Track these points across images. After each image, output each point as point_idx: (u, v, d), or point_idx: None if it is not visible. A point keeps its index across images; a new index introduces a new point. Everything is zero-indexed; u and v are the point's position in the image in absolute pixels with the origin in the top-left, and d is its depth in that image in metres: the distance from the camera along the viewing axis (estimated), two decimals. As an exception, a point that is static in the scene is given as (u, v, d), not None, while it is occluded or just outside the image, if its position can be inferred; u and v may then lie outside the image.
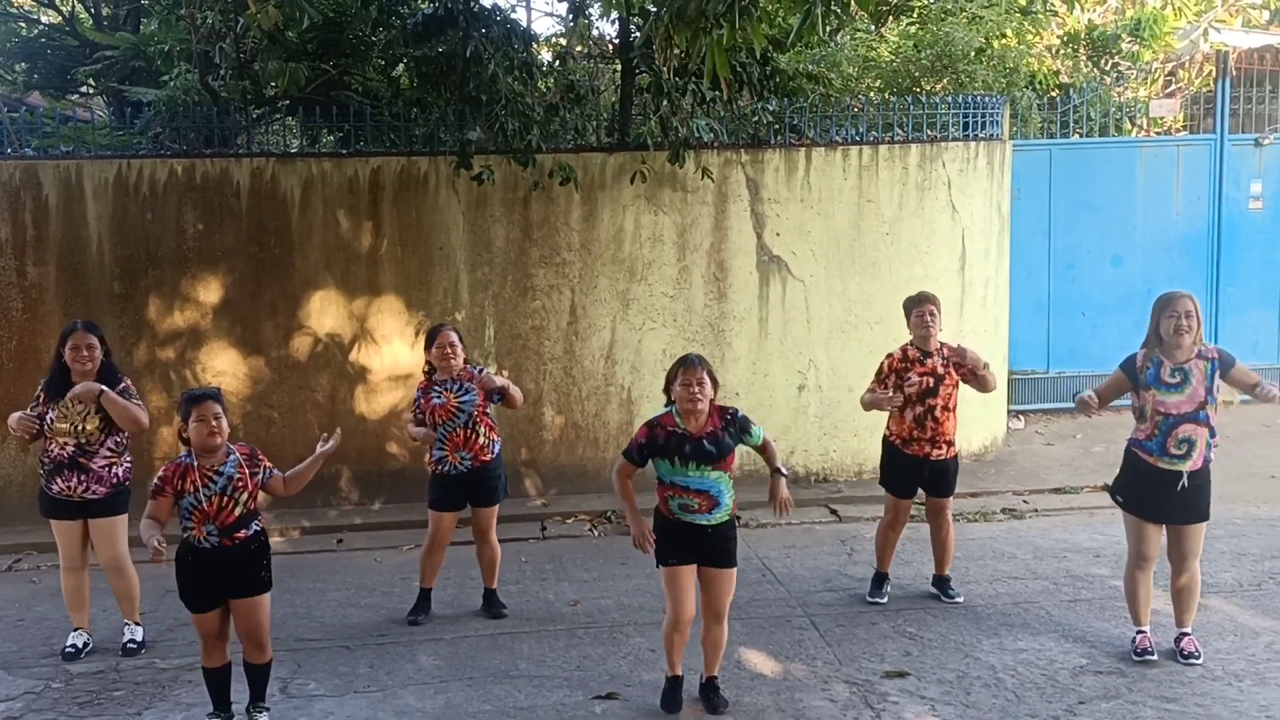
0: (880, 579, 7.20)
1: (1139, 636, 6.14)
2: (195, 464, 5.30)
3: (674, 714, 5.59)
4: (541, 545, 8.66)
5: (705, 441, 5.45)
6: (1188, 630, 6.14)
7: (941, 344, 7.00)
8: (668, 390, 5.56)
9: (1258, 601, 6.94)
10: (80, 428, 6.40)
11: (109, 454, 6.49)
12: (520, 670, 6.24)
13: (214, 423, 5.26)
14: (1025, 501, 9.36)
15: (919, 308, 6.95)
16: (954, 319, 10.06)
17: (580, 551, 8.44)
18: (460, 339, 6.90)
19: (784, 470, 5.79)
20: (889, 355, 7.07)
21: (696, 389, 5.41)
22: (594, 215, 9.53)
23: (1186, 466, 5.87)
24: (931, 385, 6.87)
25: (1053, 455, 10.54)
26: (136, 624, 6.73)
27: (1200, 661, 6.00)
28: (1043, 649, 6.29)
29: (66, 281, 9.09)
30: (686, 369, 5.46)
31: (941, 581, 7.17)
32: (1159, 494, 5.93)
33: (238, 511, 5.32)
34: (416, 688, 6.05)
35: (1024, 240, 11.35)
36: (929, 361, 6.92)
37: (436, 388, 6.84)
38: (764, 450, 5.76)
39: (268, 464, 5.52)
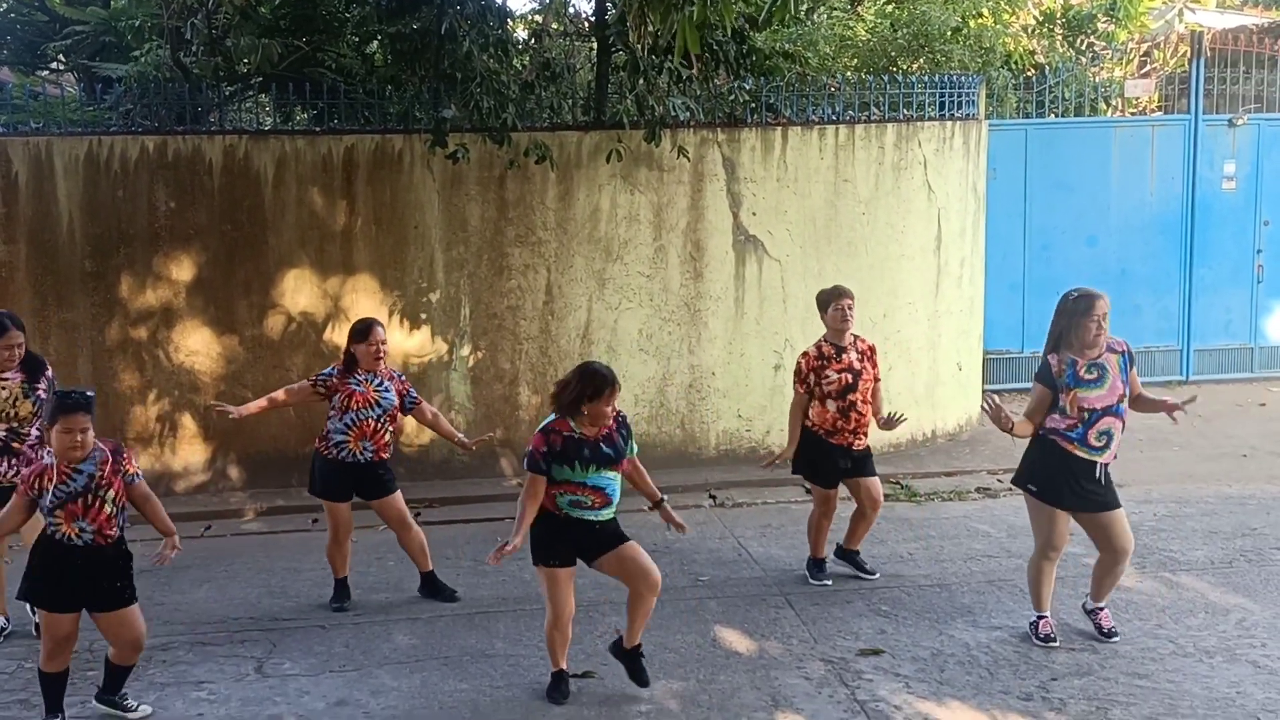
0: (820, 563, 7.23)
1: (1041, 621, 6.14)
2: (55, 464, 5.14)
3: (561, 705, 5.55)
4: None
5: (602, 444, 5.42)
6: (1104, 605, 6.18)
7: (855, 337, 7.03)
8: (567, 400, 5.39)
9: (1228, 579, 7.01)
10: (10, 413, 6.35)
11: (39, 433, 6.42)
12: (496, 650, 6.24)
13: (79, 436, 5.06)
14: (999, 480, 9.39)
15: (837, 301, 6.95)
16: (930, 299, 10.10)
17: (556, 531, 8.43)
18: (385, 338, 6.87)
19: (663, 498, 5.79)
20: (804, 354, 7.05)
21: (614, 408, 5.43)
22: (570, 194, 9.49)
23: (1103, 458, 5.88)
24: (850, 381, 6.90)
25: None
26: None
27: (1117, 639, 6.05)
28: (1016, 626, 6.34)
29: (37, 259, 8.99)
30: (612, 390, 5.36)
31: (852, 555, 7.25)
32: (1072, 481, 5.90)
33: (108, 508, 5.17)
34: (393, 667, 6.05)
35: (999, 220, 11.38)
36: (845, 357, 6.93)
37: (357, 375, 6.76)
38: (636, 469, 5.70)
39: (134, 467, 5.32)
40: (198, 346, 9.21)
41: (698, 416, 9.80)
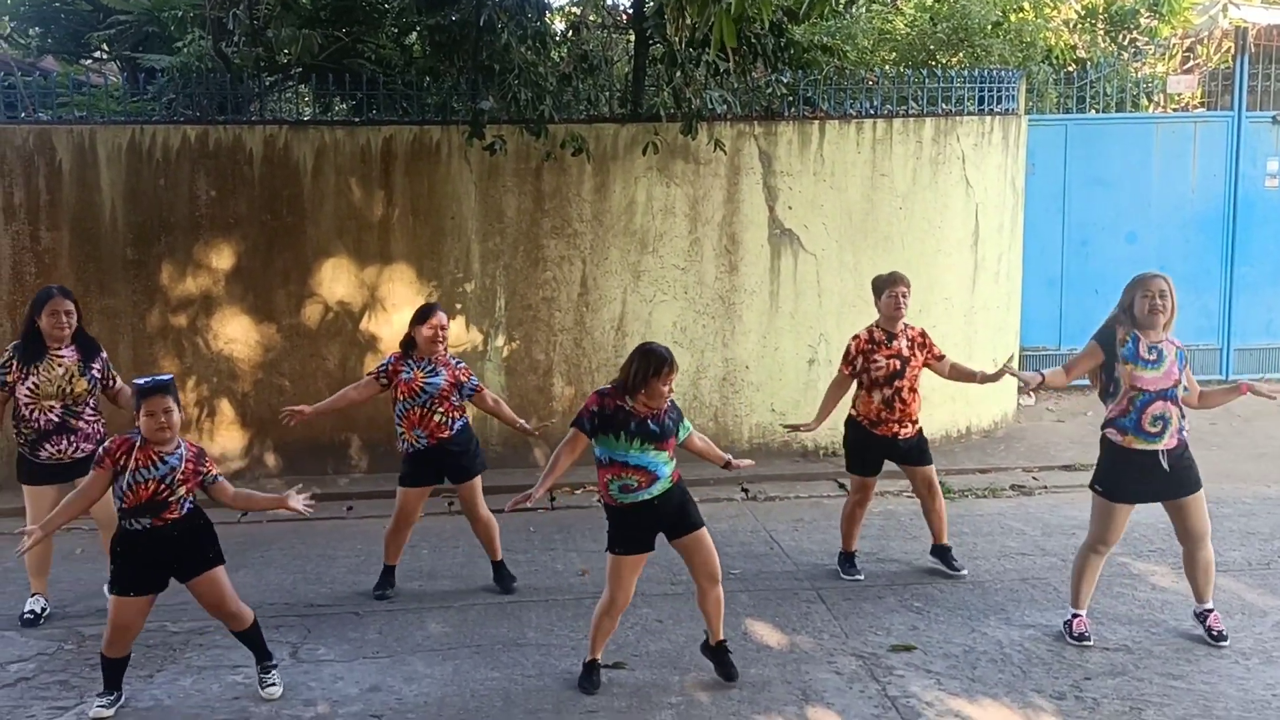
0: (849, 557, 7.21)
1: (1076, 620, 6.09)
2: (144, 443, 5.26)
3: (591, 695, 5.57)
4: (550, 515, 8.69)
5: (650, 421, 5.43)
6: (1210, 606, 6.09)
7: (907, 325, 6.98)
8: (629, 379, 5.41)
9: (1265, 580, 6.94)
10: (67, 390, 6.44)
11: (93, 412, 6.56)
12: (528, 639, 6.28)
13: (163, 418, 5.21)
14: (1035, 478, 9.35)
15: (892, 288, 6.91)
16: (966, 294, 10.04)
17: (588, 522, 8.45)
18: (448, 323, 6.85)
19: (729, 457, 5.87)
20: (855, 337, 7.03)
21: (668, 391, 5.41)
22: (606, 186, 9.51)
23: (1161, 445, 5.82)
24: (898, 368, 6.86)
25: (1063, 432, 10.53)
26: (42, 594, 6.73)
27: (1227, 643, 5.96)
28: (1050, 625, 6.30)
29: (79, 247, 9.11)
30: (670, 369, 5.37)
31: (942, 551, 7.18)
32: (1139, 477, 5.85)
33: (172, 499, 5.29)
34: (425, 654, 6.09)
35: (1038, 216, 11.30)
36: (894, 344, 6.90)
37: (410, 362, 6.76)
38: (699, 446, 5.73)
39: (214, 469, 5.47)
40: (236, 334, 9.30)
41: (731, 410, 9.80)
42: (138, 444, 5.26)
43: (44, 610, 6.68)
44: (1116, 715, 5.28)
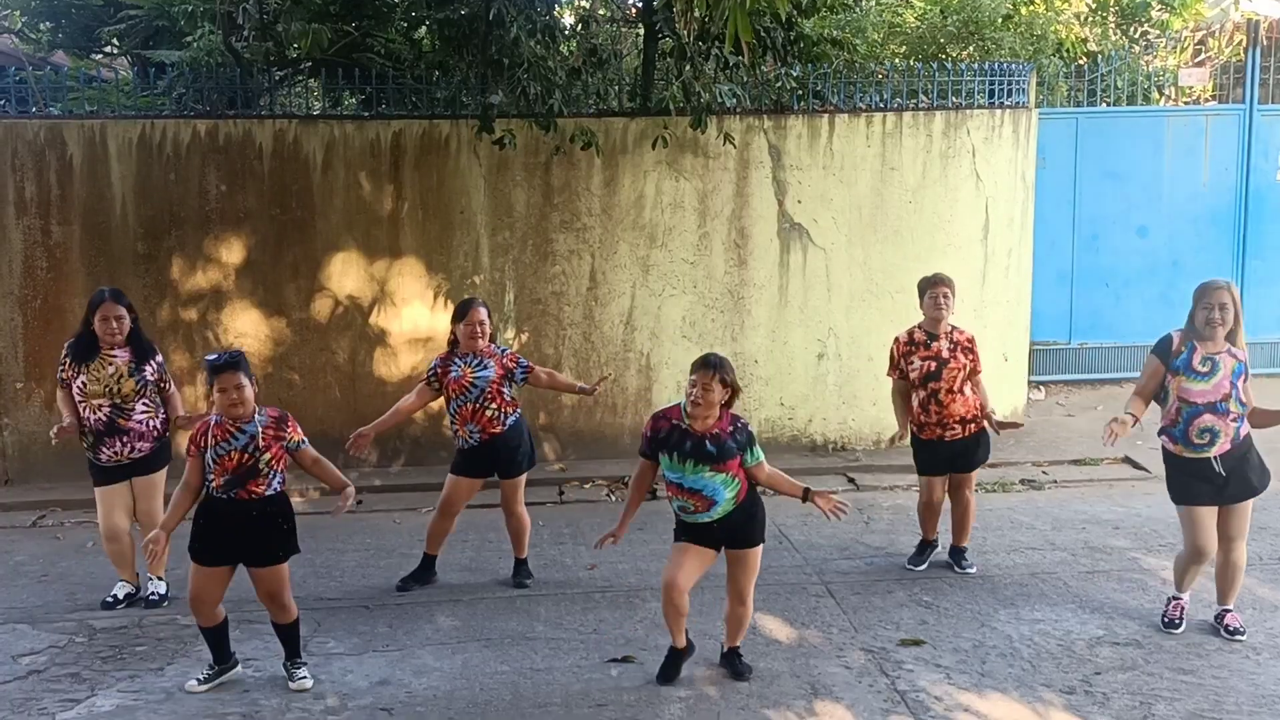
0: (924, 546, 7.21)
1: (1173, 604, 6.10)
2: (220, 420, 5.40)
3: (668, 685, 5.58)
4: (559, 510, 8.69)
5: (707, 441, 5.37)
6: (1230, 607, 6.08)
7: (955, 328, 6.95)
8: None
9: (1277, 575, 6.92)
10: (115, 389, 6.50)
11: (145, 408, 6.61)
12: (537, 633, 6.29)
13: (234, 394, 5.34)
14: (1044, 473, 9.33)
15: (934, 289, 6.88)
16: (977, 288, 10.02)
17: (597, 516, 8.46)
18: (489, 315, 6.83)
19: (807, 488, 5.67)
20: (896, 340, 7.01)
21: (701, 393, 5.32)
22: (615, 180, 9.50)
23: (1213, 453, 5.79)
24: (934, 369, 6.83)
25: (1073, 427, 10.50)
26: (160, 578, 6.81)
27: (1244, 638, 5.95)
28: (1059, 619, 6.30)
29: (90, 241, 9.13)
30: (700, 370, 5.35)
31: (957, 552, 7.17)
32: (1204, 482, 5.84)
33: (261, 469, 5.41)
34: (434, 648, 6.11)
35: (1048, 210, 11.26)
36: (935, 345, 6.86)
37: (457, 360, 6.77)
38: (764, 478, 5.58)
39: (299, 434, 5.58)
40: (246, 328, 9.32)
41: (740, 404, 9.74)
42: (214, 422, 5.40)
43: (128, 596, 6.77)
44: (1127, 710, 5.27)
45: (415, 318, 9.45)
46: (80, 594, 6.89)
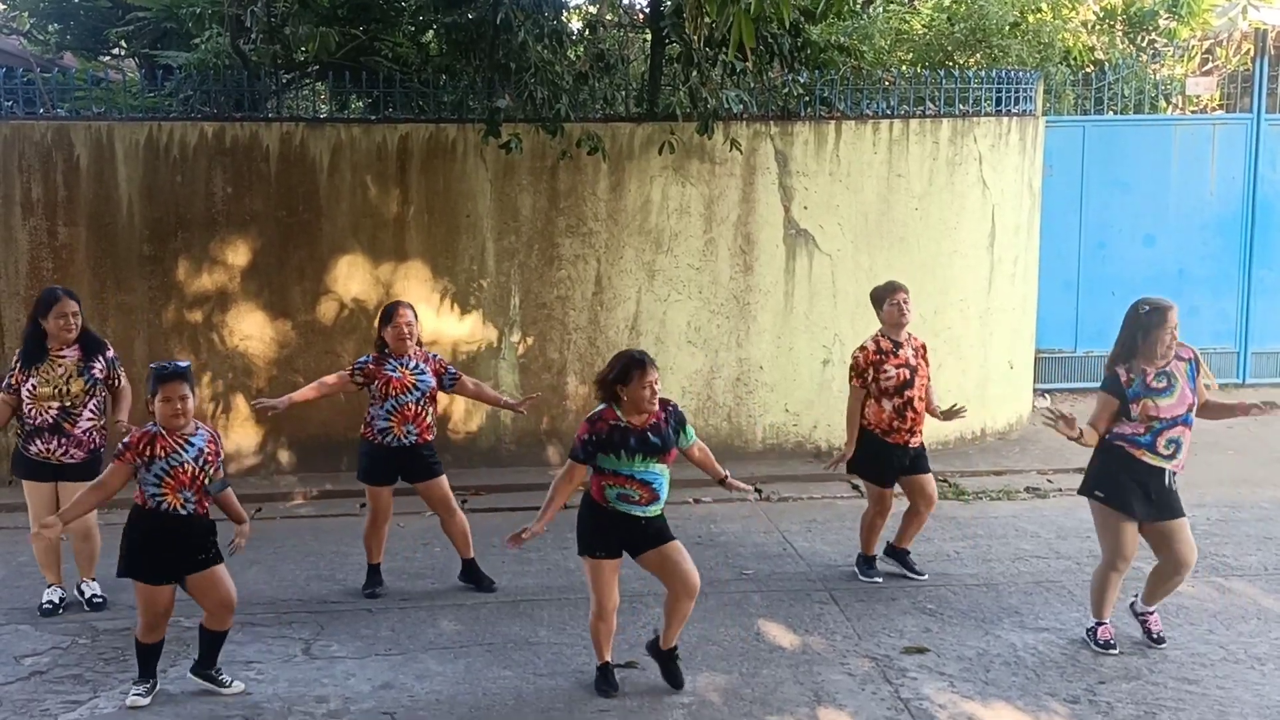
0: (870, 560, 7.19)
1: (1100, 628, 6.02)
2: (164, 431, 5.31)
3: (610, 697, 5.55)
4: (563, 514, 8.54)
5: (649, 434, 5.38)
6: (1155, 610, 6.08)
7: (910, 335, 6.98)
8: (609, 387, 5.39)
9: (1282, 586, 6.90)
10: (64, 390, 6.46)
11: (91, 416, 6.56)
12: (540, 637, 6.28)
13: (179, 404, 5.27)
14: (1049, 480, 9.32)
15: (893, 295, 6.90)
16: (982, 296, 10.01)
17: (602, 521, 8.46)
18: (416, 318, 6.85)
19: (727, 473, 5.76)
20: (861, 349, 6.96)
21: (655, 391, 5.34)
22: (621, 185, 9.50)
23: (1171, 465, 5.77)
24: (908, 377, 6.84)
25: (1078, 435, 10.46)
26: (93, 579, 6.80)
27: (1166, 645, 5.97)
28: (1064, 628, 6.28)
29: (96, 242, 9.14)
30: (644, 370, 5.32)
31: (902, 554, 7.17)
32: (1140, 487, 5.78)
33: (209, 482, 5.37)
34: (437, 652, 6.10)
35: (1054, 218, 11.25)
36: (901, 353, 6.87)
37: (391, 361, 6.77)
38: (697, 456, 5.66)
39: (218, 461, 5.52)
40: (251, 331, 9.32)
41: (745, 410, 9.78)
42: (157, 433, 5.31)
43: (62, 600, 6.73)
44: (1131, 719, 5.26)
45: (421, 321, 9.42)
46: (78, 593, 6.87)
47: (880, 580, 7.07)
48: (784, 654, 6.03)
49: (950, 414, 6.97)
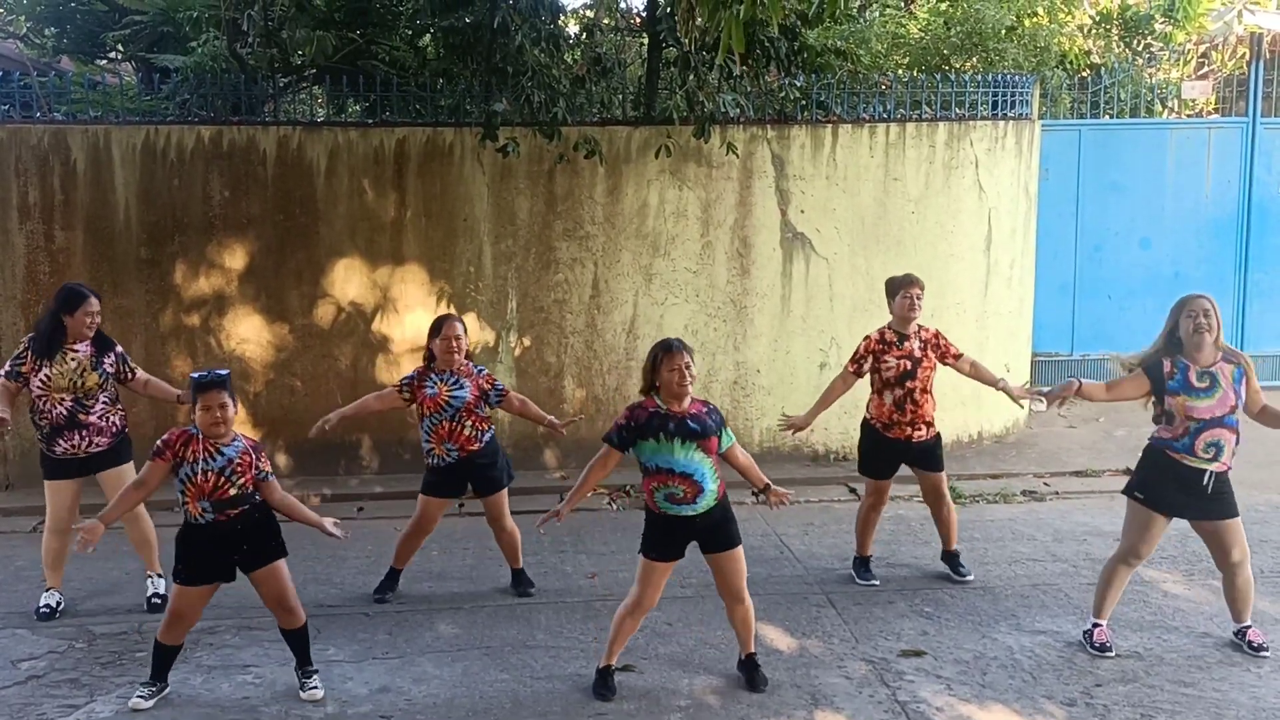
0: (865, 561, 7.18)
1: (1097, 630, 6.03)
2: (201, 436, 5.35)
3: (607, 701, 5.54)
4: (565, 519, 8.65)
5: (689, 420, 5.38)
6: (1249, 623, 6.03)
7: (920, 327, 6.97)
8: (646, 376, 5.44)
9: (1278, 588, 6.90)
10: (78, 382, 6.48)
11: (105, 405, 6.58)
12: (537, 641, 6.28)
13: (219, 412, 5.30)
14: (1046, 484, 9.33)
15: (907, 289, 6.90)
16: (979, 299, 10.02)
17: (598, 525, 8.47)
18: (465, 332, 6.77)
19: (769, 481, 5.75)
20: (866, 337, 7.01)
21: (686, 373, 5.34)
22: (618, 189, 9.51)
23: (1213, 467, 5.77)
24: (909, 368, 6.84)
25: (1075, 438, 10.50)
26: (159, 575, 6.82)
27: (1268, 654, 5.91)
28: (1060, 631, 6.29)
29: (94, 246, 9.14)
30: (671, 354, 5.35)
31: (951, 557, 7.16)
32: (1182, 489, 5.79)
33: (233, 491, 5.37)
34: (434, 655, 6.10)
35: (1051, 221, 11.27)
36: (906, 345, 6.88)
37: (433, 376, 6.70)
38: (741, 461, 5.65)
39: (268, 466, 5.53)
40: (248, 334, 9.32)
41: (742, 413, 9.78)
42: (194, 436, 5.35)
43: (59, 604, 6.72)
44: (1127, 722, 5.27)
45: (418, 325, 9.43)
46: (80, 599, 6.87)
47: (876, 583, 7.07)
48: (781, 657, 6.03)
49: (1023, 394, 6.90)
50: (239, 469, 5.36)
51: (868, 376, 7.03)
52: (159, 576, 6.83)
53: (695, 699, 5.56)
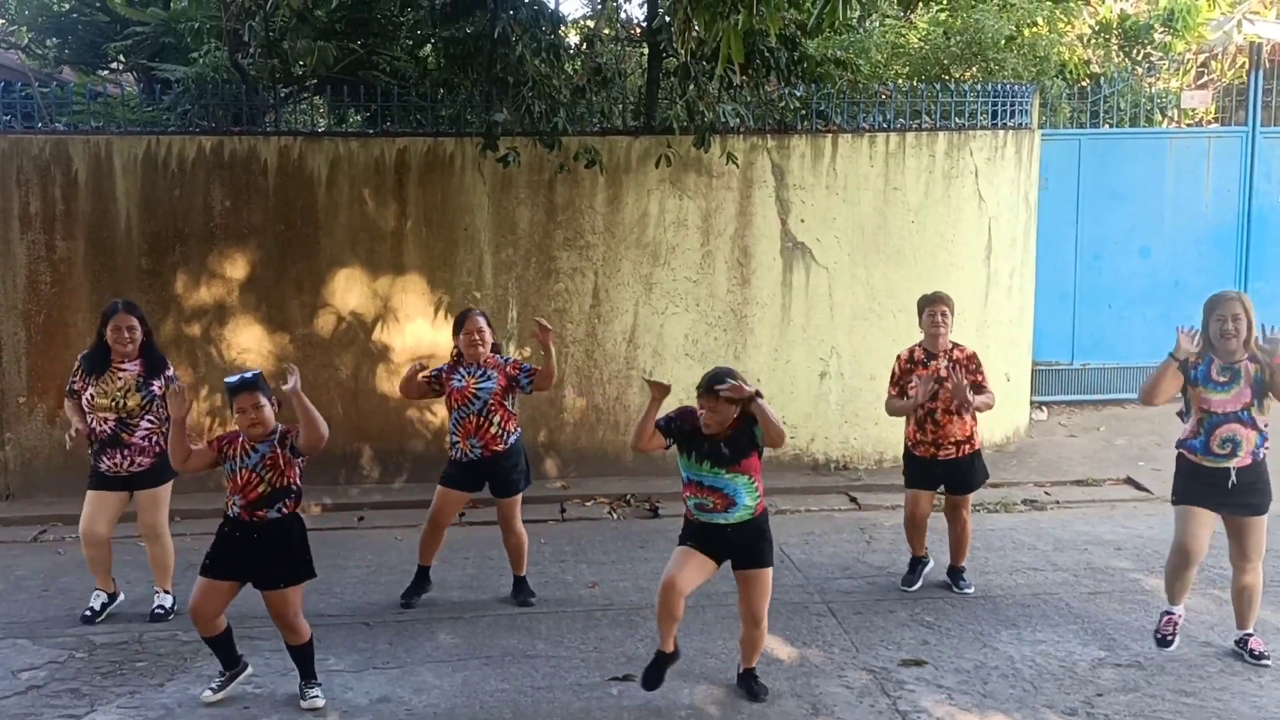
0: (915, 563, 7.18)
1: (1165, 619, 6.05)
2: (243, 436, 5.50)
3: (654, 690, 5.55)
4: (561, 527, 8.68)
5: (721, 444, 5.39)
6: (1251, 631, 6.04)
7: (953, 345, 6.94)
8: (698, 391, 5.46)
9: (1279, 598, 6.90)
10: (121, 404, 6.52)
11: (149, 426, 6.61)
12: (538, 651, 6.27)
13: (253, 414, 5.42)
14: (1047, 493, 9.32)
15: (930, 307, 6.89)
16: (979, 308, 10.02)
17: (599, 534, 8.47)
18: (489, 324, 6.81)
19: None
20: (898, 357, 7.01)
21: (707, 415, 5.35)
22: (618, 199, 9.53)
23: (1233, 464, 5.78)
24: (933, 389, 6.82)
25: (1075, 447, 10.49)
26: (167, 592, 6.84)
27: (1269, 663, 5.91)
28: (1061, 640, 6.28)
29: (95, 256, 9.15)
30: (704, 395, 5.34)
31: (955, 572, 7.16)
32: (1209, 489, 5.83)
33: (262, 489, 5.44)
34: (435, 665, 6.09)
35: (1051, 230, 11.27)
36: (933, 364, 6.86)
37: (461, 370, 6.77)
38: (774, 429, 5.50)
39: (292, 432, 5.58)
40: (249, 344, 9.33)
41: (742, 423, 9.77)
42: (239, 437, 5.51)
43: (104, 607, 6.78)
44: (1128, 732, 5.26)
45: (418, 334, 9.46)
46: (81, 609, 6.86)
47: (915, 587, 7.07)
48: (781, 666, 6.03)
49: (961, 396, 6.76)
50: (269, 462, 5.45)
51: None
52: (167, 593, 6.83)
53: (695, 708, 5.56)
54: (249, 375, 5.57)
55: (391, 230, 9.40)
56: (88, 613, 6.72)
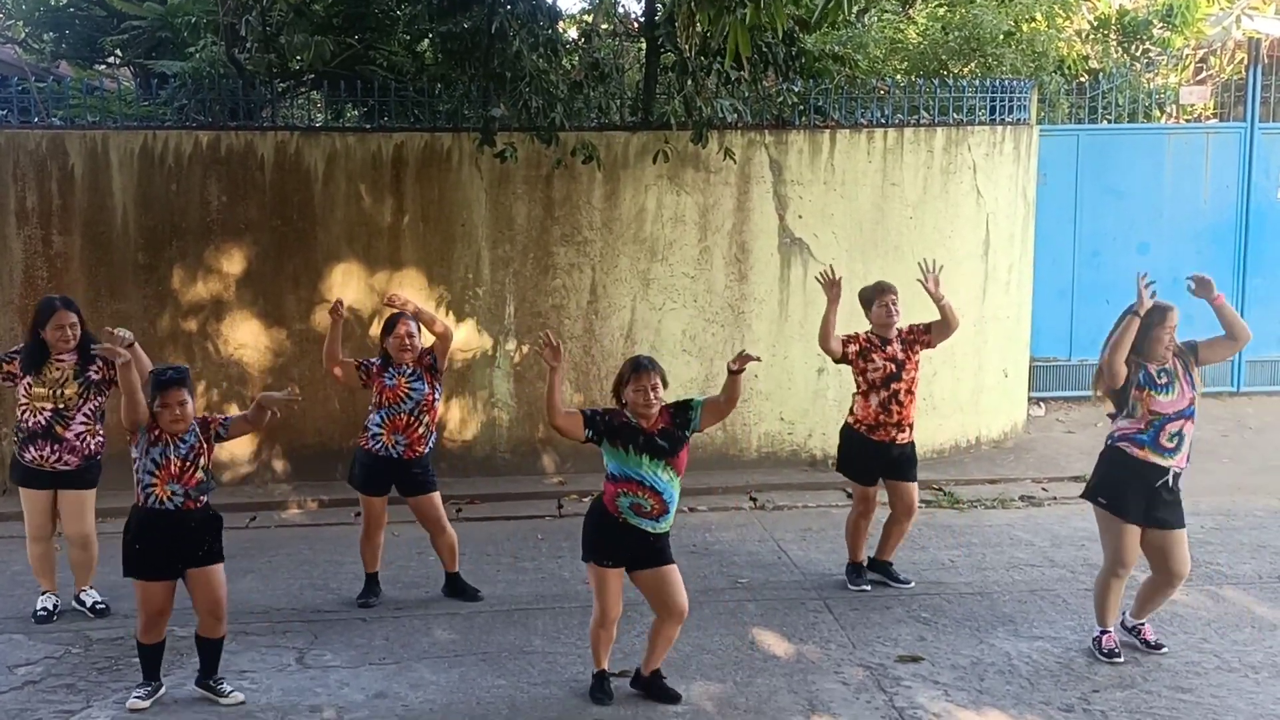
0: (858, 567, 7.17)
1: (1105, 636, 6.02)
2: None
3: (604, 706, 5.54)
4: (558, 523, 8.68)
5: (657, 437, 5.37)
6: (1145, 621, 6.10)
7: (898, 330, 6.99)
8: (615, 390, 5.46)
9: (1276, 594, 6.90)
10: (59, 393, 6.46)
11: (84, 421, 6.53)
12: (534, 646, 6.27)
13: (178, 410, 5.38)
14: (1044, 489, 9.32)
15: (882, 298, 6.94)
16: (977, 304, 10.02)
17: (597, 530, 8.45)
18: (418, 330, 6.83)
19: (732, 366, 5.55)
20: (856, 335, 6.96)
21: (651, 395, 5.33)
22: (616, 194, 9.51)
23: (1174, 461, 5.81)
24: (894, 370, 6.86)
25: (1073, 443, 10.49)
26: (91, 588, 6.81)
27: (1166, 650, 5.98)
28: (1058, 637, 6.28)
29: (91, 251, 9.14)
30: (638, 373, 5.36)
31: (884, 566, 7.16)
32: (1141, 491, 5.81)
33: (198, 475, 5.44)
34: (431, 661, 6.09)
35: (1049, 226, 11.26)
36: (889, 348, 6.90)
37: (391, 369, 6.79)
38: (722, 406, 5.54)
39: (219, 420, 5.63)
40: (246, 339, 9.32)
41: (739, 419, 9.77)
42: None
43: (56, 607, 6.73)
44: (1125, 728, 5.26)
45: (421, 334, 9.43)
46: (76, 605, 6.86)
47: (869, 588, 7.06)
48: (778, 663, 6.03)
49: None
50: (198, 451, 5.45)
51: (852, 379, 7.02)
52: (92, 588, 6.79)
53: (693, 705, 5.55)
54: (178, 369, 5.60)
55: (388, 225, 9.38)
56: (42, 612, 6.66)
